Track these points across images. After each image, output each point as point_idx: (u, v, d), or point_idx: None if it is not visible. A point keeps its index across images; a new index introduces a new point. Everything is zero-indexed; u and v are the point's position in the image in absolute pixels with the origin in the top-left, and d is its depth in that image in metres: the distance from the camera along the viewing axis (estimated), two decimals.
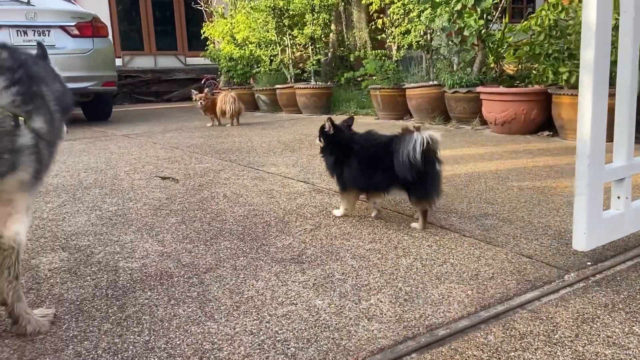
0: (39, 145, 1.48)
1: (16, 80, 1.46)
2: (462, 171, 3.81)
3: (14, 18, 6.60)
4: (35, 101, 1.50)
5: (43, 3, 7.31)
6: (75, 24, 7.08)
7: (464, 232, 2.53)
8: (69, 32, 7.02)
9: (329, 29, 9.36)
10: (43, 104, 1.53)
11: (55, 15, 7.01)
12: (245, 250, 2.31)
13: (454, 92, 6.08)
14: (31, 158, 1.46)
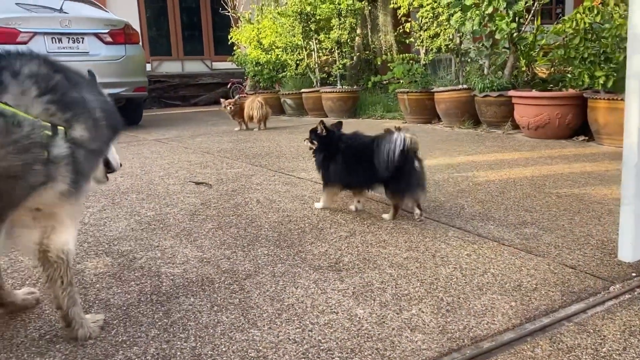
0: (77, 154, 1.45)
1: (50, 88, 1.43)
2: (496, 177, 3.76)
3: (49, 25, 6.76)
4: (73, 108, 1.48)
5: (77, 11, 7.48)
6: (108, 32, 7.22)
7: (503, 241, 2.50)
8: (102, 39, 7.16)
9: (355, 33, 9.36)
10: (84, 111, 1.51)
11: (89, 22, 7.16)
12: (282, 257, 2.32)
13: (484, 95, 6.01)
14: (68, 168, 1.43)
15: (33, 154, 1.37)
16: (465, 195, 3.30)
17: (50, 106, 1.41)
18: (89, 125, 1.52)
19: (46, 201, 1.45)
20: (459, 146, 5.15)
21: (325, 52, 9.21)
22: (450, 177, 3.81)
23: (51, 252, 1.51)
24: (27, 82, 1.40)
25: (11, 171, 1.34)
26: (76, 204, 1.55)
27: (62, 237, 1.51)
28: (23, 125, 1.34)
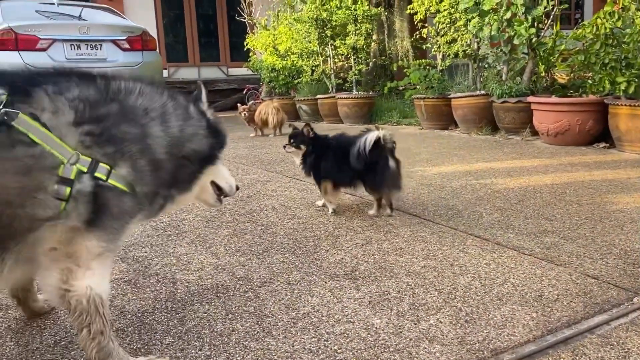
0: (106, 193, 1.33)
1: (95, 118, 1.34)
2: (516, 185, 3.70)
3: (68, 32, 6.86)
4: (120, 144, 1.36)
5: (95, 18, 7.58)
6: (126, 38, 7.30)
7: (523, 250, 2.44)
8: (120, 45, 7.24)
9: (371, 39, 9.34)
10: (134, 149, 1.39)
11: (108, 29, 7.25)
12: (297, 265, 2.30)
13: (502, 102, 5.94)
14: (88, 207, 1.32)
15: (36, 181, 1.26)
16: (484, 203, 3.25)
17: (86, 138, 1.32)
18: (137, 166, 1.40)
19: (60, 238, 1.31)
20: (476, 153, 5.08)
21: (341, 58, 9.20)
22: (468, 184, 3.76)
23: (71, 297, 1.35)
24: (66, 106, 1.33)
25: (4, 194, 1.23)
26: (104, 247, 1.37)
27: (85, 281, 1.35)
28: (36, 146, 1.25)
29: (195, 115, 1.61)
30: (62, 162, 1.27)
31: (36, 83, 1.33)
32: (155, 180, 1.45)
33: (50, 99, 1.31)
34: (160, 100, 1.52)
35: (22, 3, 7.87)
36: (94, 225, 1.34)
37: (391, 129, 7.42)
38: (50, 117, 1.29)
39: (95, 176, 1.30)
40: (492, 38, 6.00)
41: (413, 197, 3.43)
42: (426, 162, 4.66)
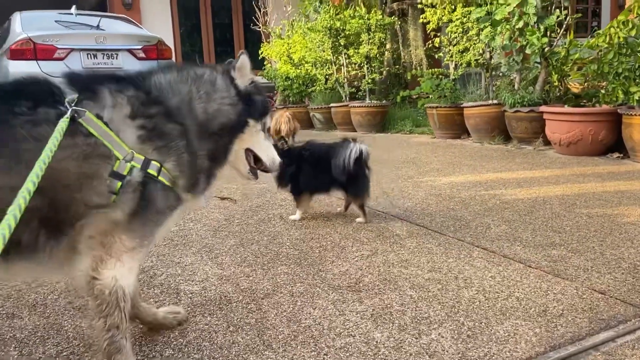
0: (152, 187, 1.42)
1: (147, 114, 1.47)
2: (525, 195, 3.66)
3: (85, 42, 6.97)
4: (166, 139, 1.47)
5: (112, 27, 7.71)
6: (141, 47, 7.40)
7: (530, 263, 2.42)
8: (135, 55, 7.34)
9: (384, 48, 9.35)
10: (178, 143, 1.49)
11: (124, 39, 7.36)
12: (302, 276, 2.30)
13: (515, 111, 5.90)
14: (133, 196, 1.40)
15: (93, 166, 1.38)
16: (492, 214, 3.22)
17: (142, 131, 1.45)
18: (181, 160, 1.49)
19: (99, 227, 1.39)
20: (487, 162, 5.05)
21: (354, 67, 9.22)
22: (477, 194, 3.74)
23: (95, 285, 1.40)
24: (125, 101, 1.47)
25: (66, 177, 1.34)
26: (138, 242, 1.44)
27: (112, 271, 1.40)
28: (92, 135, 1.38)
29: (220, 87, 1.65)
30: (117, 158, 1.39)
31: (102, 84, 1.49)
32: (194, 169, 1.54)
33: (112, 96, 1.46)
34: (185, 89, 1.60)
35: (42, 14, 8.05)
36: (136, 219, 1.42)
37: (404, 138, 7.42)
38: (110, 112, 1.43)
39: (147, 172, 1.41)
40: (504, 47, 5.97)
41: (421, 208, 3.42)
42: (436, 172, 4.64)
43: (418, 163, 5.15)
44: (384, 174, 4.59)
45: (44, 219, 1.36)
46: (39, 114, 1.38)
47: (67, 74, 1.53)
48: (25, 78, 1.50)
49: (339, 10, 9.15)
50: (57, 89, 1.45)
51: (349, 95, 9.04)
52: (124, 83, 1.53)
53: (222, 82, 1.67)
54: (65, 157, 1.34)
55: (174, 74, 1.64)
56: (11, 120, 1.34)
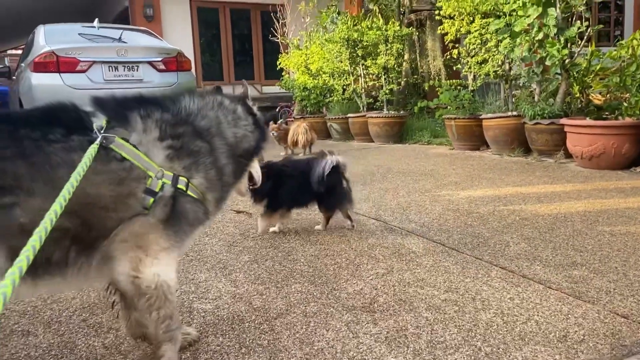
0: (182, 200, 1.54)
1: (175, 135, 1.57)
2: (546, 211, 3.59)
3: (106, 55, 7.09)
4: (194, 156, 1.59)
5: (134, 40, 7.83)
6: (161, 59, 7.49)
7: (550, 284, 2.36)
8: (155, 67, 7.43)
9: (402, 58, 9.32)
10: (205, 160, 1.62)
11: (144, 51, 7.46)
12: (315, 295, 2.28)
13: (535, 123, 5.81)
14: (165, 210, 1.51)
15: (128, 188, 1.47)
16: (511, 231, 3.16)
17: (170, 152, 1.55)
18: (209, 175, 1.62)
19: (132, 230, 1.48)
20: (507, 176, 4.97)
21: (372, 77, 9.21)
22: (496, 210, 3.67)
23: (140, 282, 1.49)
24: (153, 125, 1.57)
25: (101, 200, 1.43)
26: (172, 244, 1.55)
27: (153, 269, 1.50)
28: (127, 161, 1.48)
29: (242, 116, 1.83)
30: (150, 177, 1.49)
31: (131, 108, 1.58)
32: (221, 185, 1.68)
33: (142, 121, 1.56)
34: (213, 114, 1.74)
35: (65, 26, 8.21)
36: (168, 226, 1.52)
37: (422, 149, 7.36)
38: (141, 135, 1.53)
39: (177, 187, 1.52)
40: (523, 59, 5.89)
41: (438, 223, 3.37)
42: (454, 186, 4.58)
43: (436, 175, 5.10)
44: (400, 187, 4.55)
45: (76, 237, 1.43)
46: (72, 140, 1.45)
47: (96, 99, 1.61)
48: (54, 104, 1.55)
49: (356, 21, 9.16)
50: (86, 115, 1.54)
51: (367, 105, 9.02)
52: (152, 106, 1.63)
53: (242, 111, 1.85)
54: (100, 181, 1.44)
55: (201, 101, 1.77)
56: (45, 147, 1.40)
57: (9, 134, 1.39)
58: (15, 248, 1.30)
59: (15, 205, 1.32)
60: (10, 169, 1.33)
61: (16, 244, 1.28)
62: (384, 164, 6.04)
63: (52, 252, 1.40)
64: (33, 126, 1.43)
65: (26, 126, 1.43)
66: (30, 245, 1.04)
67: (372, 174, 5.31)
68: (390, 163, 6.08)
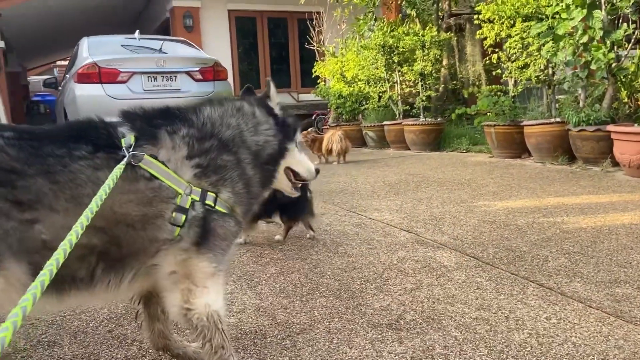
0: (213, 217, 1.51)
1: (202, 151, 1.55)
2: (589, 224, 3.41)
3: (146, 65, 7.26)
4: (221, 172, 1.57)
5: (174, 51, 8.00)
6: (199, 69, 7.62)
7: (590, 303, 2.22)
8: (193, 76, 7.56)
9: (440, 64, 9.16)
10: (232, 174, 1.59)
11: (182, 61, 7.61)
12: (340, 310, 2.22)
13: (579, 130, 5.57)
14: (197, 231, 1.48)
15: (156, 209, 1.44)
16: (551, 245, 3.01)
17: (198, 170, 1.53)
18: (236, 189, 1.59)
19: (177, 261, 1.47)
20: (549, 185, 4.77)
21: (408, 84, 9.09)
22: (536, 222, 3.52)
23: (192, 315, 1.47)
24: (181, 142, 1.55)
25: (129, 219, 1.41)
26: (215, 267, 1.52)
27: (203, 299, 1.47)
28: (156, 180, 1.46)
29: (262, 119, 1.77)
30: (179, 194, 1.47)
31: (159, 125, 1.56)
32: (249, 197, 1.65)
33: (170, 138, 1.54)
34: (234, 122, 1.70)
35: (108, 38, 8.48)
36: (205, 247, 1.49)
37: (459, 157, 7.19)
38: (169, 153, 1.51)
39: (205, 203, 1.49)
40: (567, 63, 5.67)
41: (473, 236, 3.25)
42: (492, 196, 4.43)
43: (472, 185, 4.95)
44: (434, 197, 4.43)
45: (103, 254, 1.42)
46: (99, 158, 1.44)
47: (125, 114, 1.60)
48: (82, 120, 1.56)
49: (393, 27, 9.07)
50: (114, 131, 1.52)
51: (403, 112, 8.90)
52: (179, 121, 1.60)
53: (261, 113, 1.78)
54: (128, 201, 1.42)
55: (222, 108, 1.73)
56: (71, 165, 1.39)
57: (33, 150, 1.38)
58: (36, 264, 1.31)
59: (37, 222, 1.31)
60: (34, 185, 1.33)
61: (38, 260, 1.28)
62: (418, 172, 5.92)
63: (77, 269, 1.40)
64: (59, 143, 1.43)
65: (52, 143, 1.42)
66: (54, 259, 1.03)
67: (406, 183, 5.20)
68: (426, 172, 5.95)
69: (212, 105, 1.73)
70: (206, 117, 1.67)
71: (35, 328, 2.09)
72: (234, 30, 13.75)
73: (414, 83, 8.95)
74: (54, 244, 1.32)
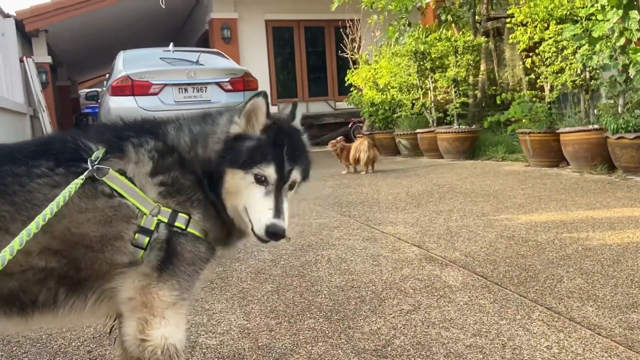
0: (179, 241, 1.40)
1: (165, 168, 1.44)
2: (615, 240, 3.17)
3: (177, 77, 7.40)
4: (188, 192, 1.45)
5: (210, 62, 8.14)
6: (229, 80, 7.70)
7: (600, 330, 2.04)
8: (223, 87, 7.65)
9: (476, 70, 8.89)
10: (200, 195, 1.46)
11: (212, 73, 7.71)
12: (327, 333, 2.13)
13: (618, 137, 5.24)
14: (160, 255, 1.39)
15: (115, 229, 1.36)
16: (568, 264, 2.81)
17: (162, 189, 1.42)
18: (208, 214, 1.46)
19: (136, 286, 1.39)
20: (581, 197, 4.50)
21: (441, 91, 8.86)
22: (557, 237, 3.30)
23: (146, 347, 1.39)
24: (146, 157, 1.44)
25: (86, 241, 1.35)
26: (177, 295, 1.41)
27: (160, 331, 1.39)
28: (116, 198, 1.37)
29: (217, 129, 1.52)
30: (144, 214, 1.37)
31: (126, 137, 1.46)
32: (220, 220, 1.48)
33: (135, 151, 1.44)
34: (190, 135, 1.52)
35: (144, 51, 8.73)
36: (168, 273, 1.39)
37: (493, 166, 6.93)
38: (133, 168, 1.42)
39: (171, 224, 1.39)
40: (603, 67, 5.36)
41: (486, 253, 3.08)
42: (517, 208, 4.21)
43: (499, 197, 4.73)
44: (455, 210, 4.26)
45: (63, 278, 1.36)
46: (58, 174, 1.37)
47: (97, 128, 1.54)
48: (53, 134, 1.53)
49: (429, 32, 8.88)
50: (84, 144, 1.45)
51: (437, 120, 8.67)
52: (146, 135, 1.50)
53: (225, 120, 1.52)
54: (86, 220, 1.35)
55: (188, 119, 1.58)
56: (29, 184, 1.34)
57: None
58: None
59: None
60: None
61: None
62: (446, 182, 5.73)
63: (37, 293, 1.36)
64: (19, 160, 1.38)
65: (12, 161, 1.38)
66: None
67: (430, 195, 5.03)
68: (454, 182, 5.75)
69: (182, 119, 1.58)
70: (170, 129, 1.54)
71: (20, 346, 2.11)
72: (271, 40, 13.87)
73: (447, 89, 8.72)
74: (11, 269, 1.30)
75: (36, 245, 1.30)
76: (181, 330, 1.44)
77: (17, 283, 1.33)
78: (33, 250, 1.31)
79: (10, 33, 10.32)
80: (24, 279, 1.33)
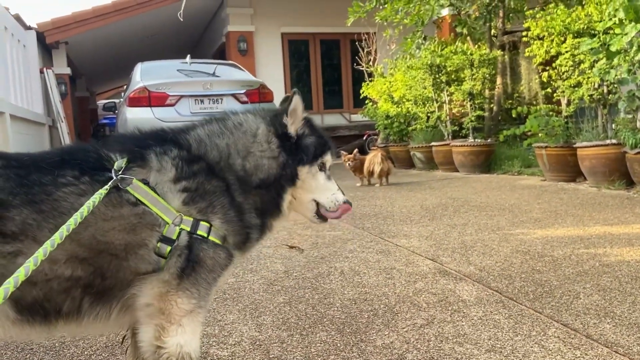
0: (200, 247, 1.42)
1: (190, 174, 1.47)
2: (634, 256, 3.11)
3: (193, 89, 7.50)
4: (209, 198, 1.47)
5: (226, 74, 8.23)
6: (244, 92, 7.77)
7: (617, 347, 1.99)
8: (238, 99, 7.71)
9: (492, 83, 8.85)
10: (223, 201, 1.49)
11: (228, 84, 7.79)
12: (339, 347, 2.11)
13: (637, 152, 5.16)
14: (180, 261, 1.41)
15: (139, 237, 1.39)
16: (585, 280, 2.76)
17: (185, 195, 1.45)
18: (227, 217, 1.49)
19: (154, 292, 1.40)
20: (599, 212, 4.43)
21: (456, 104, 8.83)
22: (574, 253, 3.25)
23: (162, 354, 1.40)
24: (169, 164, 1.48)
25: (112, 248, 1.36)
26: (195, 303, 1.43)
27: (176, 338, 1.40)
28: (141, 206, 1.39)
29: (260, 140, 1.60)
30: (167, 223, 1.40)
31: (148, 146, 1.50)
32: (243, 225, 1.52)
33: (158, 160, 1.47)
34: (223, 142, 1.58)
35: (161, 63, 8.86)
36: (187, 281, 1.41)
37: (509, 180, 6.86)
38: (155, 176, 1.44)
39: (195, 233, 1.41)
40: (622, 81, 5.30)
41: (501, 268, 3.04)
42: (533, 223, 4.16)
43: (515, 211, 4.68)
44: (470, 223, 4.22)
45: (88, 286, 1.38)
46: (84, 183, 1.40)
47: (117, 138, 1.58)
48: (74, 145, 1.56)
49: (445, 46, 8.88)
50: (106, 154, 1.48)
51: (452, 133, 8.63)
52: (168, 143, 1.54)
53: (263, 133, 1.61)
54: (111, 228, 1.37)
55: (214, 126, 1.63)
56: (55, 192, 1.36)
57: (19, 179, 1.36)
58: (18, 298, 1.31)
59: (20, 254, 1.28)
60: (18, 217, 1.30)
61: (19, 295, 1.25)
62: (461, 196, 5.68)
63: (62, 302, 1.36)
64: (45, 170, 1.40)
65: (38, 170, 1.40)
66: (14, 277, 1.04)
67: (444, 208, 5.00)
68: (469, 195, 5.71)
69: (205, 124, 1.63)
70: (195, 136, 1.59)
71: (34, 354, 2.12)
72: (287, 53, 13.99)
73: (463, 103, 8.69)
74: (36, 278, 1.31)
75: (63, 253, 1.31)
76: (197, 339, 1.45)
77: (41, 292, 1.34)
78: (60, 258, 1.32)
79: (31, 45, 10.55)
80: (49, 287, 1.34)
